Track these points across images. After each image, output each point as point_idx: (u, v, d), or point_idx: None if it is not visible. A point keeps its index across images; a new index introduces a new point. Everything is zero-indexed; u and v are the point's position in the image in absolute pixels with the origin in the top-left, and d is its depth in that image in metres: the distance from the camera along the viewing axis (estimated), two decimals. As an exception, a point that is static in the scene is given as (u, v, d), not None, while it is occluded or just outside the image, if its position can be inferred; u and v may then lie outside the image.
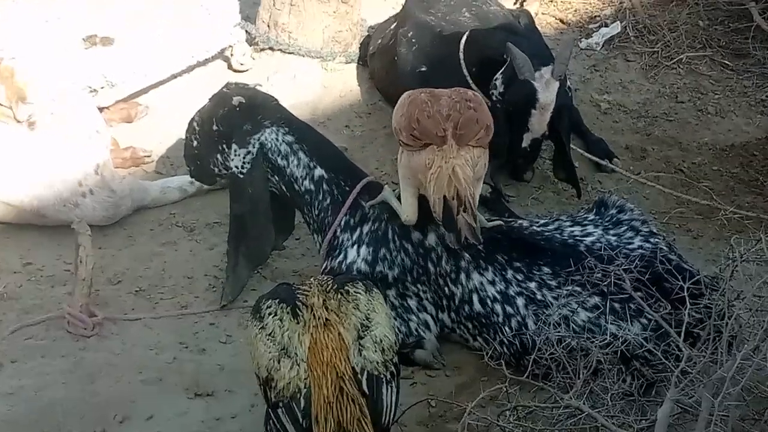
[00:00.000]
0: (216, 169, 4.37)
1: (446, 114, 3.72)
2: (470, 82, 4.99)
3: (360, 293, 3.02)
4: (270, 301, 3.01)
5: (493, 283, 3.81)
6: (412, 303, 3.93)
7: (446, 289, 3.88)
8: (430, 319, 3.94)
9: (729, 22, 6.82)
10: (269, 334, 2.92)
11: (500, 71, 4.81)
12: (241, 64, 5.84)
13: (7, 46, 4.69)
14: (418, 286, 3.92)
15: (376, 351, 2.91)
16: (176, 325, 4.12)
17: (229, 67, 5.86)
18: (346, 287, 3.03)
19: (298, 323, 2.91)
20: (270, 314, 2.96)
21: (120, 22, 5.41)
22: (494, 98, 4.79)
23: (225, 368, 3.86)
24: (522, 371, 3.47)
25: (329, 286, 3.02)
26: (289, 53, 5.90)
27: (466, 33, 5.13)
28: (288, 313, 2.94)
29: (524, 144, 4.83)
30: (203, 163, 4.40)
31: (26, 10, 5.00)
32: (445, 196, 3.62)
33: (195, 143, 4.39)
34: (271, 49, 5.92)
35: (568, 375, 3.34)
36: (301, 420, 2.82)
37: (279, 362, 2.87)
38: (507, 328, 3.76)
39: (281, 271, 4.42)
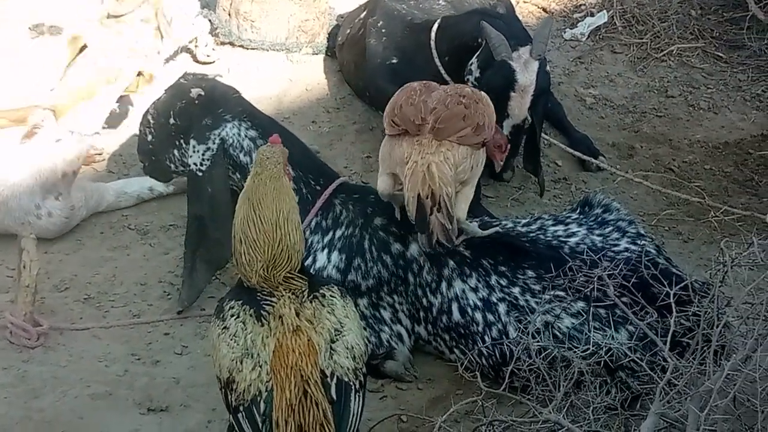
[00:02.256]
0: (172, 166, 4.36)
1: (432, 106, 3.76)
2: (443, 72, 5.00)
3: (336, 297, 3.03)
4: (233, 302, 3.02)
5: (475, 290, 3.81)
6: (386, 314, 3.93)
7: (424, 300, 3.89)
8: (404, 332, 3.94)
9: (723, 11, 6.87)
10: (232, 335, 2.94)
11: (475, 55, 4.81)
12: (207, 56, 5.83)
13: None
14: (394, 297, 3.92)
15: (347, 357, 2.93)
16: (128, 336, 4.10)
17: (195, 59, 5.85)
18: (322, 291, 3.04)
19: (262, 326, 2.92)
20: (232, 316, 2.98)
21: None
22: (470, 84, 4.79)
23: (180, 381, 3.85)
24: (500, 383, 3.49)
25: (304, 295, 3.01)
26: (252, 49, 5.90)
27: (437, 21, 5.14)
28: (251, 316, 2.95)
29: (504, 131, 4.72)
30: (158, 159, 4.39)
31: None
32: (419, 195, 3.64)
33: (149, 138, 4.37)
34: (231, 44, 5.92)
35: (547, 387, 3.35)
36: (260, 425, 2.84)
37: (241, 363, 2.89)
38: (486, 338, 3.76)
39: (242, 278, 4.41)
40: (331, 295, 3.03)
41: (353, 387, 2.91)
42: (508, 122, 4.74)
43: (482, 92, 3.96)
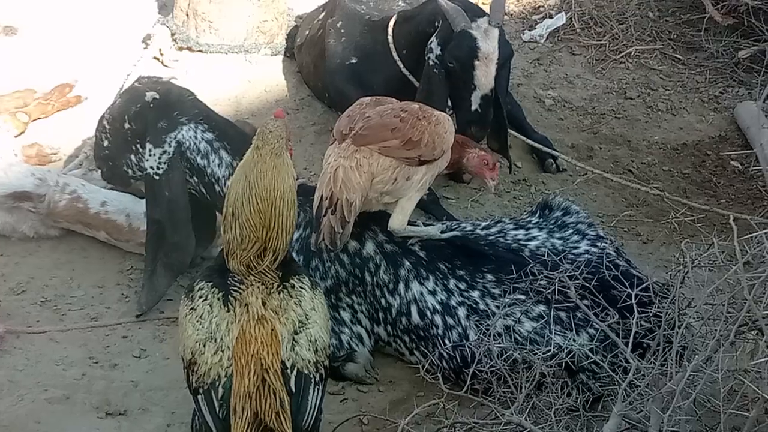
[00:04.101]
0: (130, 171, 4.34)
1: (367, 116, 3.77)
2: (401, 67, 5.01)
3: (305, 289, 3.03)
4: (203, 283, 3.01)
5: (433, 293, 3.81)
6: (346, 315, 3.93)
7: (383, 300, 3.88)
8: (364, 333, 3.94)
9: (680, 13, 6.91)
10: (199, 317, 2.95)
11: (434, 35, 4.78)
12: (176, 60, 5.81)
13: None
14: (353, 297, 3.91)
15: (309, 349, 2.93)
16: (85, 339, 4.07)
17: (163, 64, 5.82)
18: (292, 281, 3.03)
19: (228, 311, 2.93)
20: (200, 297, 2.98)
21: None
22: (431, 62, 4.75)
23: (139, 385, 3.82)
24: (461, 385, 3.49)
25: (273, 286, 2.99)
26: (210, 53, 5.88)
27: (394, 16, 5.14)
28: (219, 299, 2.95)
29: (474, 106, 4.68)
30: (116, 164, 4.37)
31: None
32: (322, 195, 3.67)
33: (106, 143, 4.35)
34: (189, 49, 5.89)
35: (509, 389, 3.35)
36: (218, 409, 2.85)
37: (204, 346, 2.90)
38: (447, 341, 3.76)
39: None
40: (300, 287, 3.03)
41: (313, 380, 2.91)
42: (476, 95, 4.68)
43: (442, 115, 3.89)
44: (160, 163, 4.10)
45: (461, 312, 3.77)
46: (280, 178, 2.98)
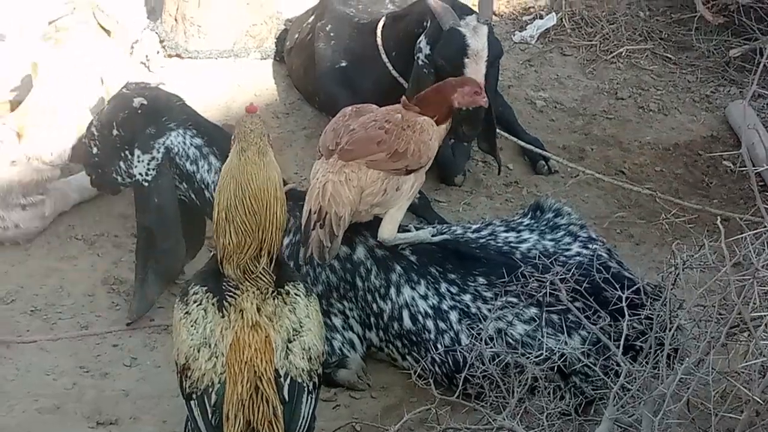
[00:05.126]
0: (119, 178, 4.33)
1: (351, 129, 3.75)
2: (391, 69, 5.00)
3: (299, 296, 3.02)
4: (198, 287, 3.00)
5: (425, 297, 3.81)
6: (337, 321, 3.92)
7: (374, 305, 3.88)
8: (356, 339, 3.94)
9: (671, 12, 6.91)
10: (193, 322, 2.94)
11: (422, 34, 4.77)
12: (162, 67, 5.81)
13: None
14: (344, 303, 3.91)
15: (303, 358, 2.92)
16: (76, 348, 4.07)
17: (149, 70, 5.82)
18: (287, 287, 3.01)
19: (223, 317, 2.92)
20: (195, 302, 2.97)
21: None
22: (420, 62, 4.74)
23: (130, 394, 3.82)
24: (454, 391, 3.49)
25: (268, 291, 2.98)
26: (200, 59, 5.88)
27: (383, 18, 5.14)
28: (213, 305, 2.94)
29: None
30: (105, 171, 4.36)
31: None
32: (310, 210, 3.67)
33: (95, 150, 4.34)
34: (178, 56, 5.88)
35: (501, 394, 3.36)
36: (210, 415, 2.85)
37: (198, 351, 2.89)
38: (439, 346, 3.76)
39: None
40: (295, 293, 3.01)
41: (306, 388, 2.91)
42: None
43: (425, 120, 3.82)
44: (148, 169, 4.09)
45: (453, 316, 3.77)
46: (271, 177, 2.97)
